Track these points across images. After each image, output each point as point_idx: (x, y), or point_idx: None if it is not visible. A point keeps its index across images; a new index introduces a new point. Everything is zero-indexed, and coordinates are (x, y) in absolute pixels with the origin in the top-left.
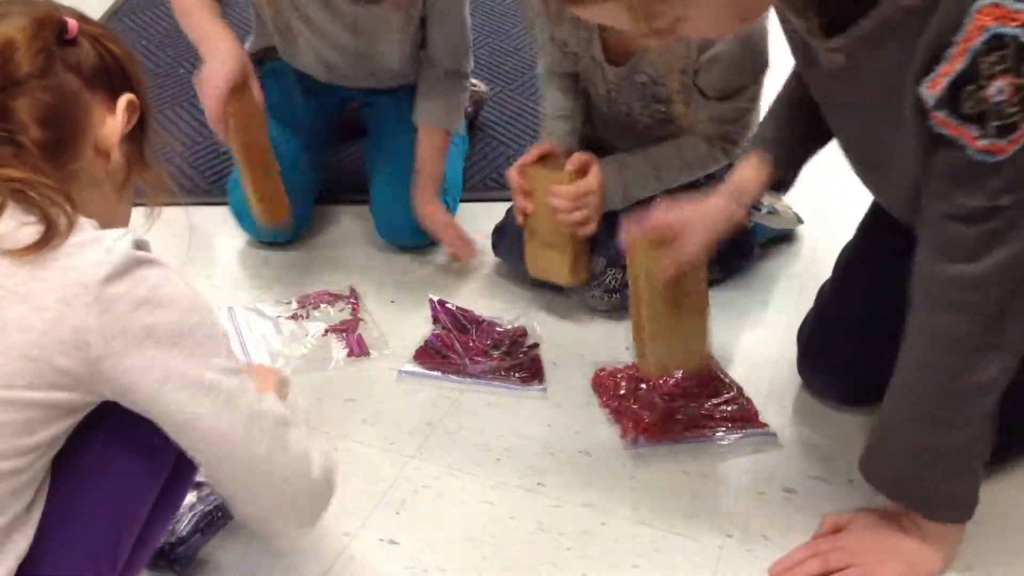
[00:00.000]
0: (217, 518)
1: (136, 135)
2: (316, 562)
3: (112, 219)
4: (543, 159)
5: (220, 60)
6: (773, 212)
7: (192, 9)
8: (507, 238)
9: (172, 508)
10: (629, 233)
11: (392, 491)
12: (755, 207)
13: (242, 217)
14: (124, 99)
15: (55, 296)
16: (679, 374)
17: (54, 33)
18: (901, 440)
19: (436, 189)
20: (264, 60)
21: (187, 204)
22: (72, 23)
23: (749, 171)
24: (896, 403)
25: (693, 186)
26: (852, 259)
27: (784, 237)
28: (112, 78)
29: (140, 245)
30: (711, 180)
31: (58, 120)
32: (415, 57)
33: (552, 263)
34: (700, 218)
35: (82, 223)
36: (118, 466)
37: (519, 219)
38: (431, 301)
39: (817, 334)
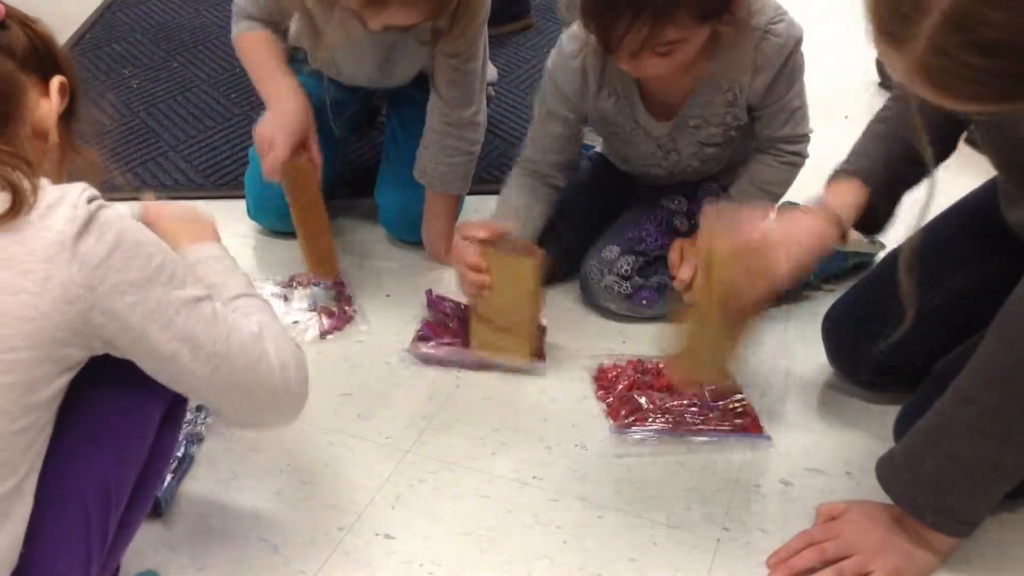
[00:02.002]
0: (182, 462)
1: (67, 118)
2: (311, 557)
3: None
4: (490, 241)
5: (285, 119)
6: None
7: (257, 50)
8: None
9: (154, 482)
10: (713, 235)
11: (388, 486)
12: None
13: (250, 201)
14: (56, 80)
15: (37, 257)
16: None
17: None
18: (948, 447)
19: (447, 242)
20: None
21: (181, 198)
22: (0, 6)
23: (846, 195)
24: (954, 409)
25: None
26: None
27: (862, 265)
28: (42, 60)
29: (92, 197)
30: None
31: (1, 104)
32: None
33: (509, 346)
34: (795, 237)
35: (42, 183)
36: (105, 433)
37: (471, 294)
38: (428, 293)
39: (847, 299)
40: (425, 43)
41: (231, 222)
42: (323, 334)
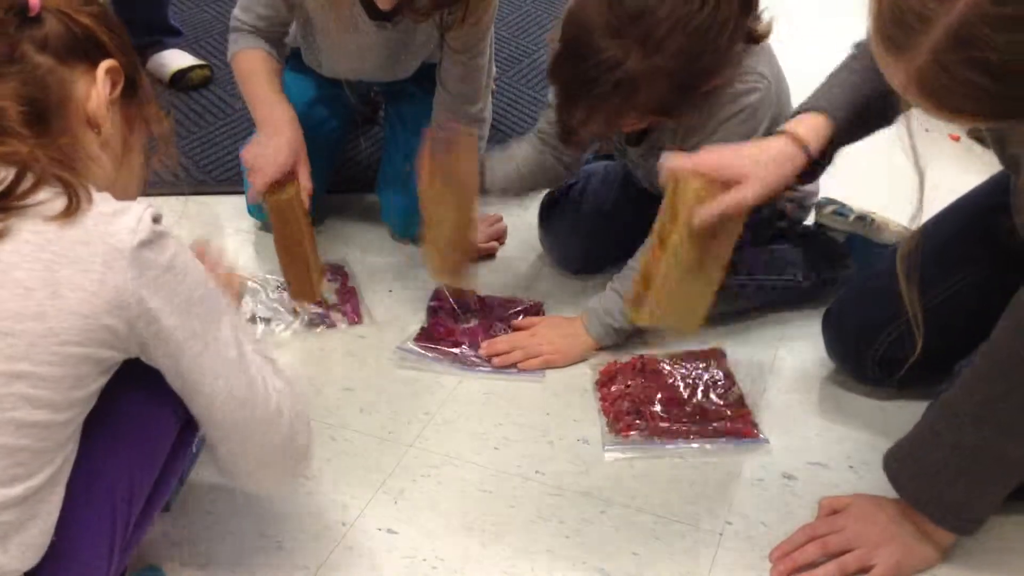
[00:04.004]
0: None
1: (131, 98)
2: (314, 552)
3: (115, 191)
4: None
5: (272, 149)
6: (868, 221)
7: (253, 71)
8: (555, 219)
9: (167, 484)
10: (677, 166)
11: (391, 480)
12: (839, 213)
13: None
14: (102, 67)
15: (99, 260)
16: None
17: (14, 14)
18: (952, 437)
19: None
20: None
21: (183, 194)
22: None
23: (816, 124)
24: (961, 401)
25: None
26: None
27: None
28: (86, 48)
29: (157, 218)
30: None
31: (37, 103)
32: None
33: (430, 255)
34: (763, 160)
35: (104, 195)
36: (134, 432)
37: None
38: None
39: (849, 293)
40: (438, 26)
41: (232, 218)
42: (335, 325)
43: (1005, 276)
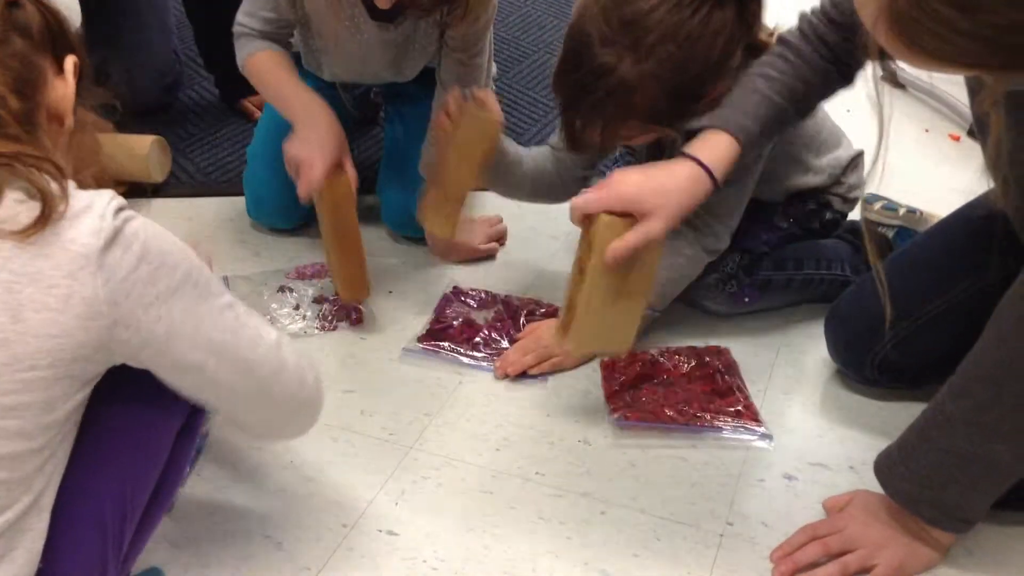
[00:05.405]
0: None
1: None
2: (315, 553)
3: None
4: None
5: (321, 140)
6: (917, 215)
7: (272, 70)
8: None
9: (168, 491)
10: (588, 205)
11: (391, 482)
12: (889, 207)
13: (250, 200)
14: (71, 61)
15: (62, 272)
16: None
17: None
18: (943, 441)
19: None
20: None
21: (182, 196)
22: None
23: (722, 146)
24: (949, 404)
25: None
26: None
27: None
28: (56, 39)
29: (120, 207)
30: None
31: (25, 88)
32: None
33: (436, 219)
34: (670, 191)
35: (71, 189)
36: (124, 445)
37: (434, 137)
38: (447, 293)
39: (853, 295)
40: (439, 24)
41: (233, 220)
42: (339, 325)
43: (1007, 283)
